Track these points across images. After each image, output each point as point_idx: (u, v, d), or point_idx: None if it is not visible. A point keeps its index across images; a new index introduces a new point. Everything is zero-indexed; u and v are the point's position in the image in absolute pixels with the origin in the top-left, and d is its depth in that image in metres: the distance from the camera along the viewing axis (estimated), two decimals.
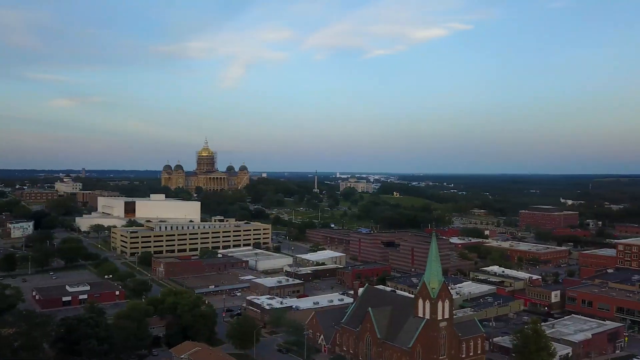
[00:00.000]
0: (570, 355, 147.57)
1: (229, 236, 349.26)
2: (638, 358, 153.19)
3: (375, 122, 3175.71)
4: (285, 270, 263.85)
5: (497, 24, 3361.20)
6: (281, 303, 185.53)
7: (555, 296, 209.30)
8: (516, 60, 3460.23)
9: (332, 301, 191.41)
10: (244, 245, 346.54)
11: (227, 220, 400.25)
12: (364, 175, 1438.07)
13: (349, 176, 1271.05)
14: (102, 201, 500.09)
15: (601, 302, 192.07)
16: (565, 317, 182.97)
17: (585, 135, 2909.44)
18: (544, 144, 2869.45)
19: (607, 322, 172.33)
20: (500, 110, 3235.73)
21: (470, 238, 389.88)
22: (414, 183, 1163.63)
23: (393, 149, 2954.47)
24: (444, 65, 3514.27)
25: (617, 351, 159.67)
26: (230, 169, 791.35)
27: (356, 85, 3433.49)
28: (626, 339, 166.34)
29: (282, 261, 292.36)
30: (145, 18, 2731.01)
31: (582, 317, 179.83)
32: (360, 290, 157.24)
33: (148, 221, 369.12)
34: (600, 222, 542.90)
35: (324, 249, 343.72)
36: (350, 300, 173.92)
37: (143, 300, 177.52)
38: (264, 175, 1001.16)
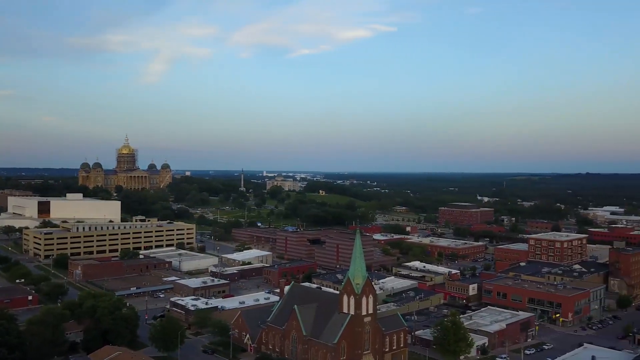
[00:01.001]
0: (486, 345, 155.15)
1: (151, 236, 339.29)
2: (547, 345, 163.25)
3: (301, 121, 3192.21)
4: (211, 271, 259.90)
5: (419, 27, 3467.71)
6: (206, 304, 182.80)
7: (472, 289, 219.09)
8: (437, 62, 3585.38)
9: (258, 300, 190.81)
10: (167, 245, 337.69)
11: (149, 220, 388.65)
12: (291, 174, 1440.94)
13: (275, 175, 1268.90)
14: (12, 201, 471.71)
15: (514, 294, 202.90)
16: (482, 309, 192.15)
17: (500, 135, 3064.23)
18: (462, 144, 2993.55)
19: (520, 312, 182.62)
20: (421, 111, 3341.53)
21: (392, 234, 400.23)
22: (339, 181, 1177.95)
23: (319, 148, 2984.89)
24: (368, 66, 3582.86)
25: (529, 339, 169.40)
26: (152, 167, 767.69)
27: (282, 84, 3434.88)
28: (537, 327, 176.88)
29: (207, 261, 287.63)
30: (61, 7, 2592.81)
31: (497, 309, 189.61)
32: (287, 288, 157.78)
33: (64, 222, 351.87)
34: (513, 218, 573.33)
35: (250, 248, 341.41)
36: (277, 298, 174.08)
37: (59, 304, 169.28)
38: (188, 173, 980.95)
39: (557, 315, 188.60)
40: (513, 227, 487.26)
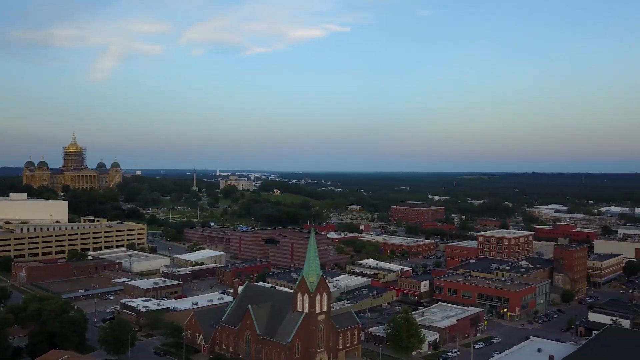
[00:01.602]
0: (437, 340, 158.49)
1: (100, 237, 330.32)
2: (496, 339, 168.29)
3: (255, 120, 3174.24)
4: (162, 272, 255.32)
5: (372, 27, 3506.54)
6: (158, 305, 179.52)
7: (424, 286, 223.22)
8: (389, 63, 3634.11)
9: (211, 300, 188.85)
10: (117, 246, 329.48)
11: (98, 221, 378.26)
12: (245, 173, 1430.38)
13: (229, 174, 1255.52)
14: None
15: (464, 290, 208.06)
16: (434, 305, 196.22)
17: (451, 136, 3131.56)
18: (414, 143, 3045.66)
19: (470, 308, 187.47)
20: (374, 111, 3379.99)
21: (346, 233, 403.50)
22: (294, 181, 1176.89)
23: (273, 147, 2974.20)
24: (322, 65, 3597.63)
25: (479, 334, 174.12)
26: (101, 166, 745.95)
27: (235, 82, 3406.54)
28: (486, 322, 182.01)
29: (158, 262, 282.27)
30: None
31: (448, 305, 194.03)
32: (240, 288, 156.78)
33: (7, 223, 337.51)
34: (463, 216, 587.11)
35: (203, 248, 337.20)
36: (230, 298, 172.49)
37: (1, 308, 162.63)
38: (139, 172, 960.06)
39: (505, 310, 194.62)
40: (463, 225, 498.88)
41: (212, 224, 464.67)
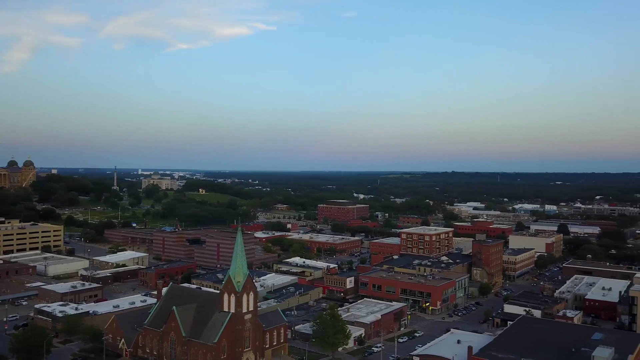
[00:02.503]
0: (363, 335, 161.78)
1: (12, 240, 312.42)
2: (419, 333, 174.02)
3: (179, 118, 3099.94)
4: (81, 275, 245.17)
5: (298, 27, 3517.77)
6: (76, 309, 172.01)
7: (350, 282, 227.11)
8: (316, 63, 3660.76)
9: (134, 303, 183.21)
10: (31, 249, 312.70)
11: (9, 222, 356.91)
12: (168, 172, 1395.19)
13: (151, 173, 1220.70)
14: None
15: (388, 286, 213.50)
16: (359, 301, 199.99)
17: (375, 136, 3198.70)
18: (340, 143, 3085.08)
19: (394, 303, 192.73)
20: (301, 110, 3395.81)
21: (274, 232, 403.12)
22: (220, 180, 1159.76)
23: (198, 146, 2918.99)
24: (249, 64, 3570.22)
25: (402, 328, 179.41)
26: (12, 164, 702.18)
27: (159, 79, 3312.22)
28: (409, 317, 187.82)
29: (76, 265, 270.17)
30: None
31: (373, 300, 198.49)
32: (165, 290, 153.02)
33: None
34: (387, 214, 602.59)
35: (124, 249, 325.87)
36: (154, 301, 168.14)
37: None
38: (55, 171, 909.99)
39: (427, 304, 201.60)
40: (387, 223, 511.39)
41: (134, 225, 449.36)
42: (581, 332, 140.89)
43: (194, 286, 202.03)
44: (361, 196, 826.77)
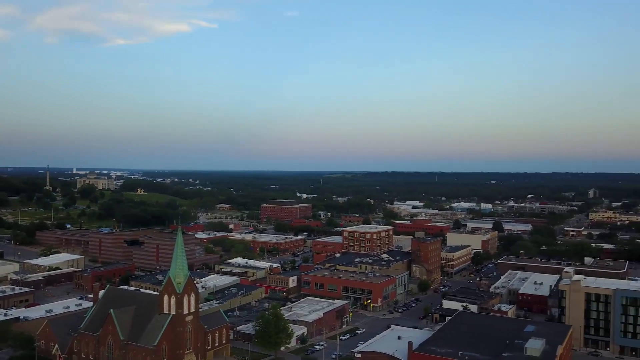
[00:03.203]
0: (305, 334, 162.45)
1: None
2: (360, 330, 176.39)
3: (116, 116, 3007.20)
4: (10, 279, 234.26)
5: (239, 25, 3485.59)
6: (5, 315, 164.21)
7: (292, 281, 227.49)
8: (257, 61, 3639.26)
9: (68, 307, 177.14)
10: None
11: None
12: (105, 172, 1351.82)
13: (87, 172, 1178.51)
14: None
15: (330, 284, 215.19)
16: (301, 300, 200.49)
17: (318, 136, 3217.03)
18: (283, 143, 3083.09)
19: (336, 301, 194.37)
20: (243, 110, 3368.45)
21: (215, 232, 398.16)
22: (159, 180, 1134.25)
23: (137, 144, 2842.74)
24: (189, 61, 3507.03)
25: (344, 326, 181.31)
26: None
27: (94, 74, 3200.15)
28: (350, 314, 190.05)
29: (5, 268, 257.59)
30: None
31: (316, 299, 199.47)
32: (101, 292, 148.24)
33: None
34: (329, 213, 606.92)
35: (58, 252, 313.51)
36: (90, 304, 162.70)
37: None
38: None
39: (368, 301, 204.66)
40: (329, 222, 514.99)
41: (69, 226, 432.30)
42: (515, 325, 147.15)
43: (132, 288, 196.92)
44: (304, 196, 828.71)
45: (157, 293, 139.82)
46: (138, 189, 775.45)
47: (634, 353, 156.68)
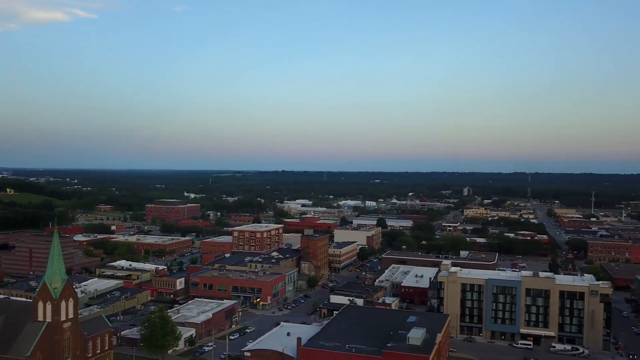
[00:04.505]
0: (194, 335, 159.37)
1: None
2: (250, 329, 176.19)
3: None
4: None
5: (122, 17, 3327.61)
6: None
7: (180, 283, 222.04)
8: (141, 55, 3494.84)
9: None
10: None
11: None
12: None
13: None
14: None
15: (219, 284, 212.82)
16: (190, 302, 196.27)
17: (206, 133, 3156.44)
18: (170, 140, 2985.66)
19: (225, 301, 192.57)
20: (124, 105, 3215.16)
21: (96, 234, 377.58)
22: (32, 179, 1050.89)
23: (5, 141, 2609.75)
24: (65, 51, 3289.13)
25: (234, 325, 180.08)
26: None
27: None
28: (240, 313, 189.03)
29: None
30: None
31: (204, 300, 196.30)
32: None
33: None
34: (219, 213, 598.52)
35: None
36: None
37: None
38: None
39: (258, 299, 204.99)
40: (218, 221, 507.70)
41: None
42: (398, 316, 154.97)
43: (1, 296, 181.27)
44: (192, 195, 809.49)
45: (31, 300, 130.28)
46: (8, 189, 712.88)
47: (502, 337, 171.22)
